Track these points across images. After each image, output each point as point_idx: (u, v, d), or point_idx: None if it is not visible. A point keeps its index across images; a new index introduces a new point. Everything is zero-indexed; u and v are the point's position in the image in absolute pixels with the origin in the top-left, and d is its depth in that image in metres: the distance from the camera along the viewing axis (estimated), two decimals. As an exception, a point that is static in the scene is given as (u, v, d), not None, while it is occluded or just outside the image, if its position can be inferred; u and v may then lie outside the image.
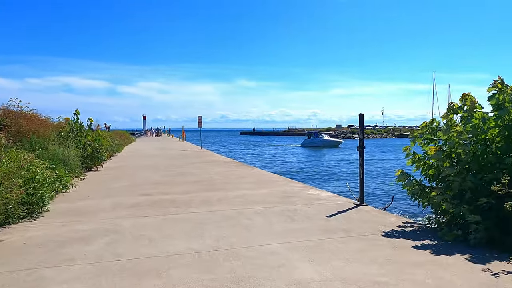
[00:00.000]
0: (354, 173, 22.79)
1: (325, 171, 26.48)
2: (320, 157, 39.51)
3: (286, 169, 26.71)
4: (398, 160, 33.63)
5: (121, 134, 28.42)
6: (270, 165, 30.44)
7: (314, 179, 21.23)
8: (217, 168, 12.23)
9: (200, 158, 17.03)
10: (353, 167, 27.59)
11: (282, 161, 34.21)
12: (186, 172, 11.19)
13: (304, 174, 24.12)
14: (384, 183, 19.49)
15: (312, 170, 26.99)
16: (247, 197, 7.00)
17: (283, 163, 32.20)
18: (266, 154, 44.11)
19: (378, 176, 23.45)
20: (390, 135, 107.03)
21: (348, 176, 23.07)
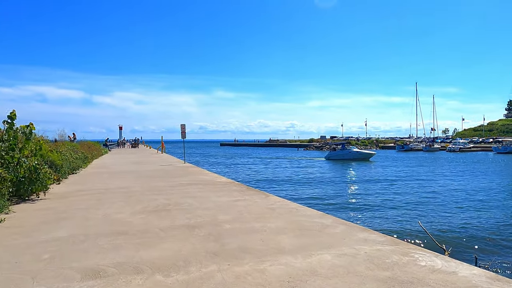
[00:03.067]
0: (415, 200, 18.10)
1: (374, 196, 19.42)
2: (356, 174, 31.86)
3: (315, 194, 19.61)
4: (439, 175, 30.33)
5: (90, 146, 24.17)
6: (285, 188, 22.73)
7: (364, 210, 15.66)
8: (217, 196, 8.48)
9: (186, 176, 13.20)
10: (407, 189, 22.15)
11: (302, 182, 25.84)
12: (172, 204, 7.40)
13: (346, 203, 17.19)
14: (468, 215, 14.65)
15: (355, 195, 19.70)
16: (301, 278, 3.31)
17: (307, 184, 24.24)
18: (273, 171, 35.86)
19: (448, 202, 17.55)
20: (374, 147, 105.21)
21: (406, 204, 16.79)
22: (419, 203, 17.15)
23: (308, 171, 35.23)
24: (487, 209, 15.74)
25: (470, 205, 16.76)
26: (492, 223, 13.19)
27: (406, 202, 17.38)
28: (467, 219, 13.81)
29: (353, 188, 22.75)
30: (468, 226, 12.54)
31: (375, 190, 21.83)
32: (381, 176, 29.26)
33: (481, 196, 19.47)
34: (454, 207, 16.28)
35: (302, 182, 25.60)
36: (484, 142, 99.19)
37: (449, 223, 13.04)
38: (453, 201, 17.82)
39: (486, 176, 30.04)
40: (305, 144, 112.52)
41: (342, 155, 51.96)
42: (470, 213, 14.89)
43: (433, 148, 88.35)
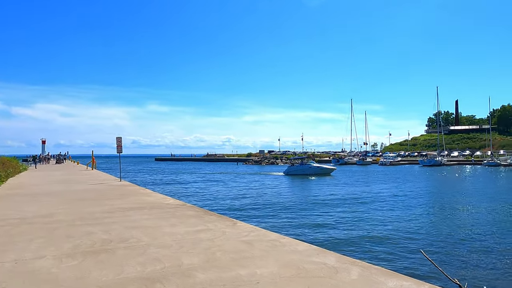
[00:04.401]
0: (395, 220, 16.48)
1: (348, 214, 17.74)
2: (320, 190, 29.77)
3: (283, 216, 17.08)
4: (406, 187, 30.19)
5: (4, 162, 20.66)
6: (247, 210, 19.77)
7: (340, 234, 13.60)
8: (170, 224, 6.79)
9: (126, 198, 11.19)
10: (382, 208, 20.37)
11: (265, 201, 22.98)
12: (115, 239, 5.60)
13: (318, 225, 15.03)
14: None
15: (325, 215, 17.39)
16: None
17: (271, 205, 21.43)
18: (225, 188, 32.43)
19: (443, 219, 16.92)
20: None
21: (393, 229, 14.62)
22: (403, 222, 16.22)
23: (268, 188, 33.33)
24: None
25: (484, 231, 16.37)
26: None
27: (387, 221, 16.32)
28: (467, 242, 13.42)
29: (324, 206, 20.91)
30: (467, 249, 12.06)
31: (348, 208, 20.40)
32: (350, 193, 27.87)
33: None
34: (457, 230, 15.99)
35: (266, 202, 22.82)
36: (410, 155, 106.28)
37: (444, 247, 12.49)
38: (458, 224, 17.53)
39: (462, 195, 30.20)
40: (243, 159, 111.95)
41: (302, 170, 50.52)
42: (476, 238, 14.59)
43: (366, 162, 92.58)
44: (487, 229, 14.50)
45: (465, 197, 25.35)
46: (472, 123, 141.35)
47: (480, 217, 17.34)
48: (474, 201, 23.18)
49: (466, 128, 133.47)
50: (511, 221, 16.51)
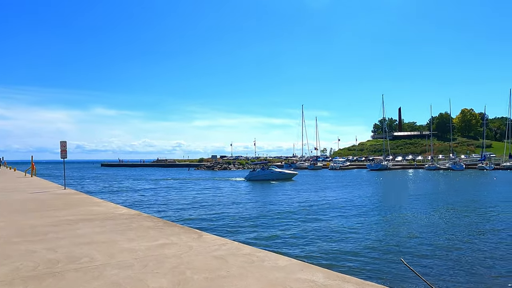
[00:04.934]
0: (355, 225, 16.11)
1: (315, 221, 16.91)
2: (284, 197, 29.04)
3: (251, 226, 16.01)
4: (358, 192, 30.20)
5: None
6: (210, 219, 18.34)
7: (315, 242, 13.00)
8: (128, 239, 6.03)
9: (73, 208, 10.09)
10: (344, 212, 20.21)
11: (228, 210, 21.46)
12: (63, 260, 4.78)
13: (289, 235, 14.07)
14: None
15: (294, 224, 16.40)
16: None
17: (234, 213, 20.10)
18: (180, 195, 30.64)
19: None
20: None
21: (358, 230, 14.75)
22: (374, 228, 15.93)
23: (229, 194, 31.73)
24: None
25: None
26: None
27: (357, 228, 15.84)
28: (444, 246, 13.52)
29: (291, 214, 19.85)
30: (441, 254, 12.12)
31: (313, 214, 19.74)
32: (316, 199, 26.98)
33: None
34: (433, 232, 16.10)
35: (229, 211, 21.44)
36: (358, 160, 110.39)
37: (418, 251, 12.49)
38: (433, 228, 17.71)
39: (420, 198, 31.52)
40: (195, 164, 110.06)
41: (264, 175, 49.94)
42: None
43: (317, 167, 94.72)
44: (452, 231, 14.97)
45: (425, 200, 26.30)
46: (414, 129, 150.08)
47: (442, 220, 17.94)
48: (433, 203, 24.11)
49: (408, 134, 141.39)
50: (477, 223, 17.22)
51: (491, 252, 11.53)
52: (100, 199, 13.38)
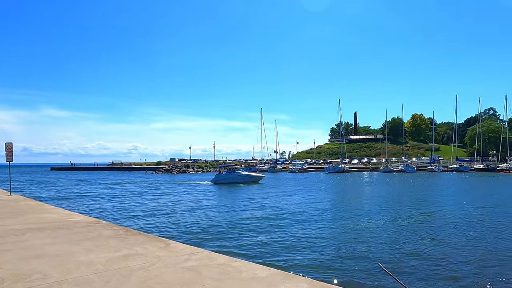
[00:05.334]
0: (326, 231, 15.51)
1: (289, 227, 15.95)
2: (252, 200, 28.12)
3: (222, 234, 14.88)
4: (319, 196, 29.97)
5: None
6: (175, 225, 17.05)
7: (287, 249, 12.27)
8: (85, 249, 5.42)
9: (20, 216, 9.15)
10: (311, 215, 19.51)
11: (194, 215, 20.18)
12: (8, 277, 4.13)
13: (259, 242, 13.21)
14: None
15: (267, 230, 15.55)
16: None
17: (201, 219, 18.94)
18: (141, 201, 28.48)
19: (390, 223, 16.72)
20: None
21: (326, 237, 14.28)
22: (346, 232, 15.70)
23: (193, 199, 30.01)
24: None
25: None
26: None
27: (330, 232, 15.42)
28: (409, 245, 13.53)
29: (261, 220, 18.70)
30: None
31: (285, 219, 18.82)
32: (284, 202, 26.38)
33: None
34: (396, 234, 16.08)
35: (194, 216, 19.79)
36: (316, 163, 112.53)
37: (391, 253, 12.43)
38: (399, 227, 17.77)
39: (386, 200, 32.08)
40: (153, 167, 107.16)
41: (231, 178, 49.01)
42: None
43: (276, 170, 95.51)
44: (418, 232, 15.28)
45: (387, 202, 26.91)
46: (368, 133, 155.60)
47: (408, 222, 18.32)
48: (395, 206, 24.73)
49: (363, 138, 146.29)
50: (440, 223, 17.72)
51: (461, 253, 11.85)
52: (51, 205, 12.36)
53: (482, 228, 16.10)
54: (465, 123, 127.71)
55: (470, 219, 18.45)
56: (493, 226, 16.49)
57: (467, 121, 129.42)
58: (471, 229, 15.83)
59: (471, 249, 12.25)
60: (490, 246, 12.60)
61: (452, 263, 10.67)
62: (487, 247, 12.47)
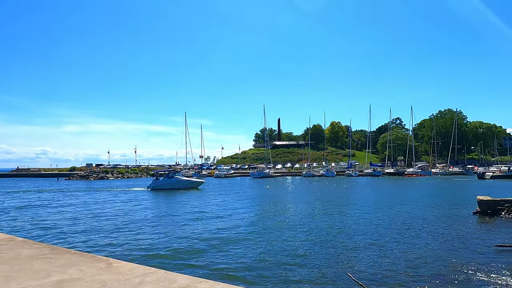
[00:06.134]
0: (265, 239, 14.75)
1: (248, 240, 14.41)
2: (195, 207, 26.17)
3: (165, 245, 13.40)
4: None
5: None
6: (109, 238, 15.08)
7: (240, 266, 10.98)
8: (3, 274, 4.30)
9: None
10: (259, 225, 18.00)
11: (134, 226, 17.93)
12: None
13: (215, 259, 11.59)
14: None
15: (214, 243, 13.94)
16: None
17: (143, 230, 17.02)
18: (61, 211, 24.99)
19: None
20: (145, 175, 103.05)
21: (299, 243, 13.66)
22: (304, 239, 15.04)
23: (128, 208, 26.80)
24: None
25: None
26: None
27: (288, 240, 14.76)
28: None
29: (209, 229, 17.14)
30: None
31: (238, 228, 17.42)
32: (232, 210, 24.79)
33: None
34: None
35: (138, 229, 17.53)
36: (241, 168, 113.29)
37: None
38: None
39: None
40: (66, 173, 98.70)
41: (169, 184, 46.78)
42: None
43: (202, 174, 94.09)
44: (370, 234, 15.57)
45: (327, 206, 27.49)
46: (291, 139, 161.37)
47: (357, 225, 18.70)
48: (336, 208, 25.35)
49: (286, 143, 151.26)
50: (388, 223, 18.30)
51: (426, 254, 12.28)
52: None
53: (412, 228, 17.10)
54: (377, 131, 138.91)
55: (395, 220, 19.60)
56: (416, 225, 17.64)
57: (379, 129, 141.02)
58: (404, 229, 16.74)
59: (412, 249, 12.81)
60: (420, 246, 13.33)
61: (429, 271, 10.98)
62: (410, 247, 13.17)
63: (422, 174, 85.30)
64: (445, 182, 59.66)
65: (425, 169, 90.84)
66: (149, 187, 47.14)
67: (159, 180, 48.29)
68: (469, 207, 23.27)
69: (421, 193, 39.50)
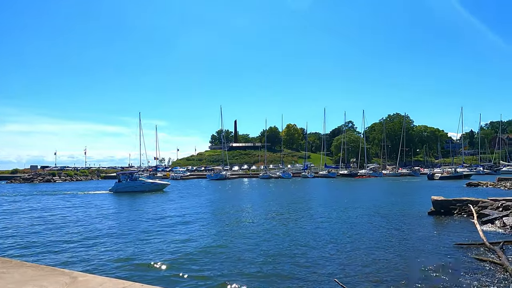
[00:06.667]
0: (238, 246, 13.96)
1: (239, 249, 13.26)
2: (156, 212, 24.73)
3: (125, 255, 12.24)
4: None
5: None
6: (68, 247, 13.66)
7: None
8: None
9: None
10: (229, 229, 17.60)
11: (98, 234, 16.32)
12: None
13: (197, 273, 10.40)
14: None
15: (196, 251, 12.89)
16: None
17: (109, 237, 15.69)
18: (16, 216, 22.97)
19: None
20: (96, 177, 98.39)
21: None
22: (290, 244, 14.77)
23: (89, 213, 24.46)
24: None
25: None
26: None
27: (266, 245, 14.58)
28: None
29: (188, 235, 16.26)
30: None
31: (217, 233, 16.67)
32: (209, 214, 23.91)
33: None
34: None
35: (103, 237, 16.04)
36: (198, 170, 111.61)
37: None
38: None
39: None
40: (8, 176, 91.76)
41: (133, 187, 45.00)
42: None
43: (157, 177, 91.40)
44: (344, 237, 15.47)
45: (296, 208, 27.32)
46: (247, 141, 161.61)
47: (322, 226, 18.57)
48: (306, 210, 25.23)
49: (243, 145, 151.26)
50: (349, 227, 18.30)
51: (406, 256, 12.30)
52: None
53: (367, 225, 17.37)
54: (330, 134, 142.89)
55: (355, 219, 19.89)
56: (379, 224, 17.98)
57: (333, 132, 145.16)
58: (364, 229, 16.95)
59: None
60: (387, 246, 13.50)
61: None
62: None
63: (374, 176, 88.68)
64: (397, 183, 62.35)
65: (377, 170, 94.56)
66: (112, 190, 45.09)
67: (121, 182, 46.29)
68: (424, 207, 24.23)
69: (376, 194, 40.84)
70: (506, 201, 19.71)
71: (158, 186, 47.91)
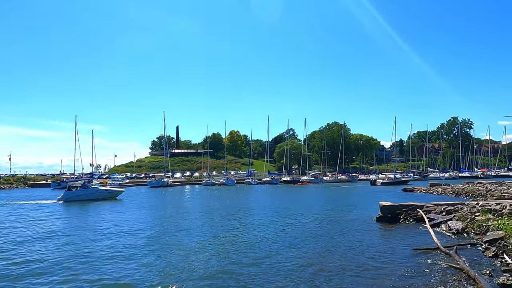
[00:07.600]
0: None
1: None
2: (116, 221, 22.89)
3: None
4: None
5: None
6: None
7: None
8: None
9: None
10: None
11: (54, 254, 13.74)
12: None
13: None
14: None
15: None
16: None
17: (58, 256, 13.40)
18: None
19: None
20: (22, 185, 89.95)
21: None
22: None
23: (43, 227, 21.10)
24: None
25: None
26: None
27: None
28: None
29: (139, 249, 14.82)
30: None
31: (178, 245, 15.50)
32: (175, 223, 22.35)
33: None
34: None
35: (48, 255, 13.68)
36: (137, 177, 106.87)
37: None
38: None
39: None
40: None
41: (85, 195, 41.95)
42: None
43: (93, 184, 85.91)
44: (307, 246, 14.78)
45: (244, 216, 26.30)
46: (189, 147, 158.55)
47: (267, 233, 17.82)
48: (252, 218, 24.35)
49: (185, 152, 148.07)
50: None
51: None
52: None
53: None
54: (273, 141, 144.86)
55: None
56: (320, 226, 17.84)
57: (275, 139, 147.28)
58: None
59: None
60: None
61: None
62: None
63: (315, 182, 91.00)
64: (338, 189, 64.23)
65: (318, 177, 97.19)
66: (61, 199, 41.14)
67: (72, 191, 42.61)
68: (371, 212, 24.75)
69: (321, 200, 41.44)
70: (448, 206, 20.68)
71: (112, 194, 45.50)
